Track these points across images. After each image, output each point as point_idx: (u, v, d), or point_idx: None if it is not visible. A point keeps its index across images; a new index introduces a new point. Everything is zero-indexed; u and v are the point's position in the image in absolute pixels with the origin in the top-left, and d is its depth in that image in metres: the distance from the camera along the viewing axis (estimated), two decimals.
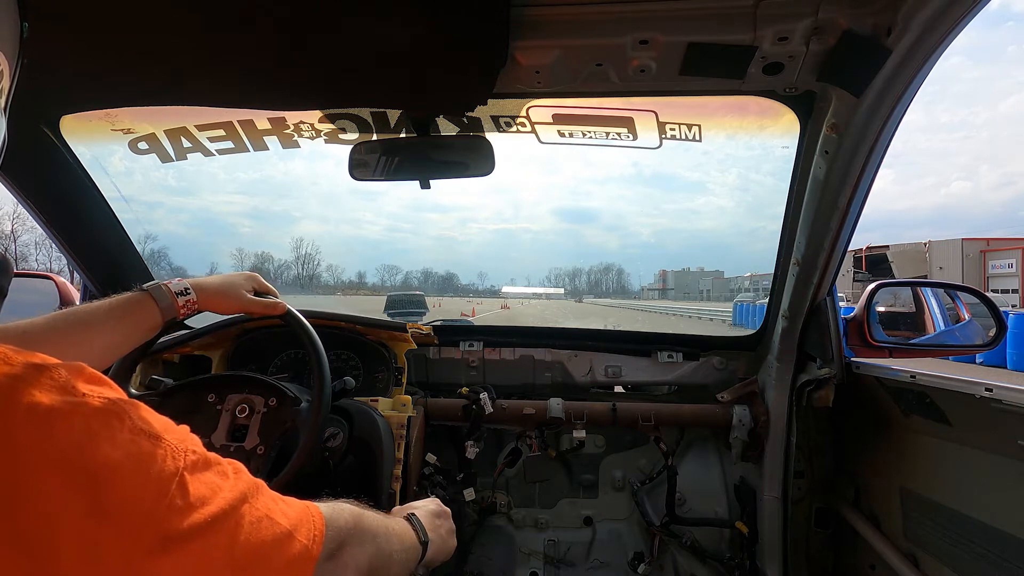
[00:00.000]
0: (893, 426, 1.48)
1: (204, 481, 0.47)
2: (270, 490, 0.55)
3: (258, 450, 1.16)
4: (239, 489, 0.49)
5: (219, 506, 0.46)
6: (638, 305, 59.22)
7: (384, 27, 0.97)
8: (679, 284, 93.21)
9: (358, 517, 0.68)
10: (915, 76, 0.93)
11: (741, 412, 1.73)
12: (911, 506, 1.41)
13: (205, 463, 0.48)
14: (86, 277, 1.70)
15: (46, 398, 0.40)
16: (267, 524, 0.50)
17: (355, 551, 0.63)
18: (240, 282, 1.13)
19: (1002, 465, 1.13)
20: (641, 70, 1.06)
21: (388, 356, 1.72)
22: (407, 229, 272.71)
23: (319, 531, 0.56)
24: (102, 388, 0.45)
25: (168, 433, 0.47)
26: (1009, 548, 1.10)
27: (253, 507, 0.50)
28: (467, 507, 1.91)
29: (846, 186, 1.18)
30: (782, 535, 1.67)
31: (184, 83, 1.18)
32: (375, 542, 0.69)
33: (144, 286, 0.99)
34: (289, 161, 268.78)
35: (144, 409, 0.47)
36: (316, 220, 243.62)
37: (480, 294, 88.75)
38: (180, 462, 0.45)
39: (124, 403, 0.45)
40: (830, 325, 1.50)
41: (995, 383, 1.05)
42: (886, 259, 25.31)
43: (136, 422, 0.44)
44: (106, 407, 0.43)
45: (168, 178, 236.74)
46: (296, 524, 0.54)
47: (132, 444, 0.43)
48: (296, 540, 0.52)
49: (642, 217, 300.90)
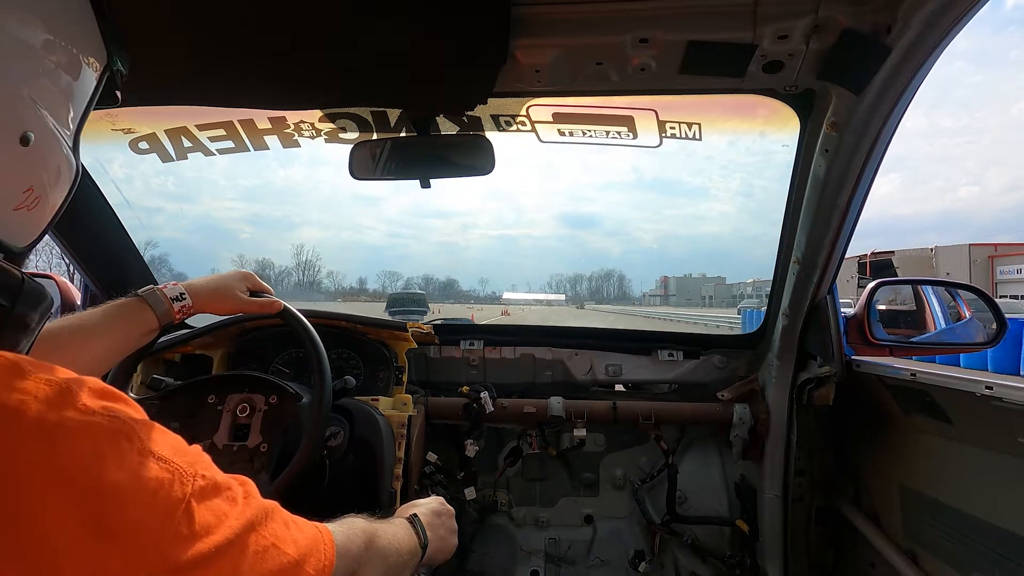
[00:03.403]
0: (893, 424, 1.48)
1: (211, 508, 0.46)
2: (283, 513, 0.54)
3: (261, 448, 1.16)
4: (246, 517, 0.49)
5: (224, 535, 0.46)
6: (641, 311, 58.30)
7: (385, 26, 0.97)
8: (681, 290, 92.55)
9: (371, 539, 0.68)
10: (915, 74, 0.93)
11: (741, 410, 1.73)
12: (911, 504, 1.41)
13: (214, 489, 0.48)
14: (87, 277, 1.70)
15: (55, 415, 0.40)
16: (273, 554, 0.49)
17: (366, 574, 0.64)
18: (234, 282, 1.13)
19: (1002, 463, 1.13)
20: (641, 69, 1.06)
21: (389, 355, 1.73)
22: (408, 235, 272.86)
23: (329, 560, 0.55)
24: (116, 405, 0.45)
25: (178, 456, 0.46)
26: (1009, 545, 1.10)
27: (260, 535, 0.49)
28: (468, 506, 1.92)
29: (846, 184, 1.18)
30: (783, 533, 1.68)
31: (185, 83, 1.18)
32: (386, 561, 0.69)
33: (139, 292, 0.99)
34: (289, 167, 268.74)
35: (156, 429, 0.46)
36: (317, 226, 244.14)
37: (481, 300, 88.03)
38: (188, 488, 0.44)
39: (135, 423, 0.44)
40: (830, 323, 1.50)
41: (995, 381, 1.05)
42: (891, 264, 24.97)
43: (146, 443, 0.44)
44: (116, 427, 0.43)
45: (168, 184, 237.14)
46: (305, 554, 0.53)
47: (140, 467, 0.42)
48: (304, 571, 0.52)
49: (644, 223, 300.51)
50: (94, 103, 0.56)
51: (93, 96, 0.56)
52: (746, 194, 46.43)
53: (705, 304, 79.01)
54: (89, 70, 0.54)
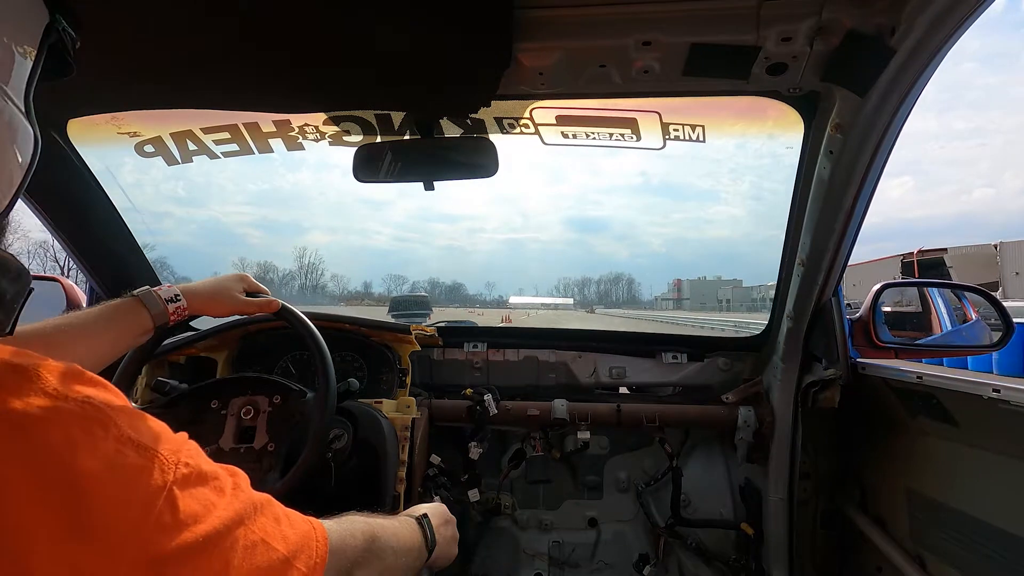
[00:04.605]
0: (899, 427, 1.47)
1: (196, 497, 0.44)
2: (275, 507, 0.53)
3: (268, 447, 1.17)
4: (235, 508, 0.47)
5: (212, 525, 0.44)
6: (659, 316, 52.49)
7: (388, 29, 0.97)
8: (695, 294, 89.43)
9: (371, 538, 0.66)
10: (920, 76, 0.92)
11: (746, 413, 1.72)
12: (918, 508, 1.40)
13: (199, 477, 0.46)
14: (93, 280, 1.71)
15: (22, 403, 0.38)
16: (262, 550, 0.47)
17: (362, 574, 0.62)
18: (231, 284, 1.13)
19: (1009, 466, 1.12)
20: (644, 71, 1.06)
21: (392, 358, 1.73)
22: (414, 239, 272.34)
23: (321, 557, 0.53)
24: (92, 390, 0.43)
25: (160, 443, 0.44)
26: (1017, 550, 1.10)
27: (249, 530, 0.47)
28: (471, 508, 1.91)
29: (851, 186, 1.17)
30: (788, 537, 1.67)
31: (190, 87, 1.19)
32: (383, 563, 0.67)
33: (134, 292, 0.99)
34: (297, 172, 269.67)
35: (137, 416, 0.44)
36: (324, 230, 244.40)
37: (487, 304, 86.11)
38: (169, 476, 0.42)
39: (112, 409, 0.42)
40: (835, 326, 1.49)
41: (1002, 384, 1.05)
42: (943, 263, 20.79)
43: (124, 431, 0.42)
44: (89, 414, 0.41)
45: (178, 189, 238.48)
46: (295, 550, 0.51)
47: (116, 455, 0.40)
48: (294, 568, 0.50)
49: (652, 227, 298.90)
50: (39, 67, 0.53)
51: (38, 60, 0.53)
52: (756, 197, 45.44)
53: (723, 308, 73.26)
54: (29, 31, 0.51)
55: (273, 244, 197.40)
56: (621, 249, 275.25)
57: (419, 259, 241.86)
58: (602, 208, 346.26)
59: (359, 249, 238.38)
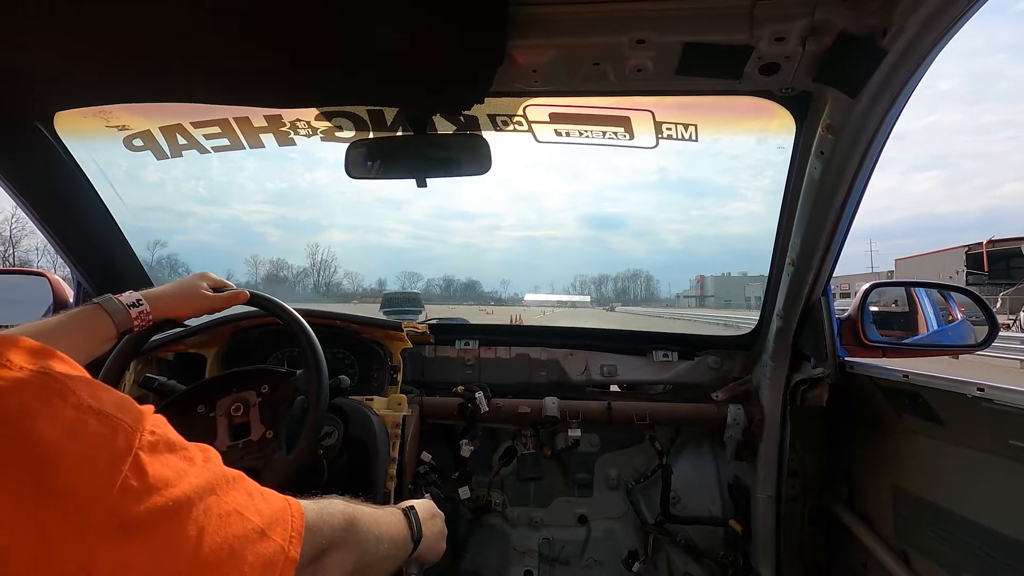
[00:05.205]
0: (886, 425, 1.49)
1: (166, 463, 0.44)
2: (247, 483, 0.52)
3: (267, 435, 1.16)
4: (205, 477, 0.46)
5: (183, 491, 0.43)
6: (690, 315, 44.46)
7: (381, 26, 0.96)
8: (719, 291, 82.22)
9: (351, 521, 0.65)
10: (911, 77, 0.93)
11: (735, 411, 1.74)
12: (903, 505, 1.42)
13: (168, 445, 0.46)
14: (81, 275, 1.68)
15: None
16: (236, 519, 0.47)
17: (339, 556, 0.61)
18: (194, 283, 1.14)
19: (993, 464, 1.14)
20: (638, 70, 1.06)
21: (384, 355, 1.72)
22: (431, 237, 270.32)
23: (297, 532, 0.52)
24: (47, 362, 0.43)
25: (123, 412, 0.44)
26: (999, 546, 1.11)
27: (222, 500, 0.47)
28: (462, 505, 1.92)
29: (841, 187, 1.18)
30: (775, 534, 1.68)
31: (180, 80, 1.17)
32: (363, 547, 0.66)
33: (96, 299, 0.99)
34: (315, 170, 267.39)
35: (97, 386, 0.44)
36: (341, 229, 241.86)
37: (502, 302, 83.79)
38: (135, 441, 0.42)
39: (70, 379, 0.42)
40: (824, 325, 1.51)
41: (987, 383, 1.06)
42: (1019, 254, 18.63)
43: (84, 399, 0.42)
44: (46, 383, 0.41)
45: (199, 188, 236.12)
46: (270, 522, 0.50)
47: (76, 422, 0.40)
48: (270, 539, 0.49)
49: (670, 223, 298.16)
50: None
51: None
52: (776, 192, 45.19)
53: (750, 306, 63.35)
54: None
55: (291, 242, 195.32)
56: (638, 246, 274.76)
57: (435, 257, 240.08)
58: (619, 205, 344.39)
59: (375, 247, 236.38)
